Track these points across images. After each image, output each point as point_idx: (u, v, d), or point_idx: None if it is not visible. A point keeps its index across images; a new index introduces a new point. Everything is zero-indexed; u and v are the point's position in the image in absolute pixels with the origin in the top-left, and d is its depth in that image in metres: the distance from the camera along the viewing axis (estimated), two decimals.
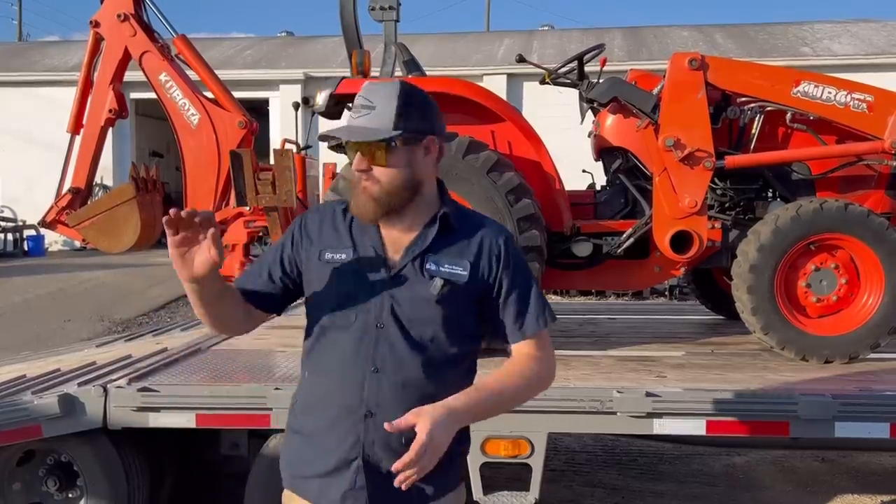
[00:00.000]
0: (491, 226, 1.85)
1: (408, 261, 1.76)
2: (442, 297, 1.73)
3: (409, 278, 1.75)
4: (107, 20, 4.69)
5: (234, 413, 3.23)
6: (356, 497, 1.74)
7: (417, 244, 1.77)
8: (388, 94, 1.71)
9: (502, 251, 1.80)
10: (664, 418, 3.09)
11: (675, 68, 3.92)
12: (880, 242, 3.68)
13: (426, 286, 1.74)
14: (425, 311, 1.74)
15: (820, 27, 19.75)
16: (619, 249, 4.12)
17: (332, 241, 1.81)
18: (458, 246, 1.78)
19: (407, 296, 1.74)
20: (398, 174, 1.72)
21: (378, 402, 1.72)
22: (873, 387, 3.31)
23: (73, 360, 4.23)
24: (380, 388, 1.72)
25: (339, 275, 1.78)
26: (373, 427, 1.72)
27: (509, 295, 1.80)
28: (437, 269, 1.75)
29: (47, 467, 3.41)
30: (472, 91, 4.07)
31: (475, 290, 1.78)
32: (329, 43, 19.77)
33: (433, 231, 1.77)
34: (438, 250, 1.77)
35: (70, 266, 14.35)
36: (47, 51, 21.63)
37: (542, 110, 10.32)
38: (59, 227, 4.89)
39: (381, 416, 1.70)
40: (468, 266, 1.76)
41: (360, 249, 1.78)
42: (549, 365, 1.84)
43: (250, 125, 4.62)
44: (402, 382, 1.72)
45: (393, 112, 1.69)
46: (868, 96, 3.90)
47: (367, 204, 1.73)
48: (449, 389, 1.71)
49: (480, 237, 1.80)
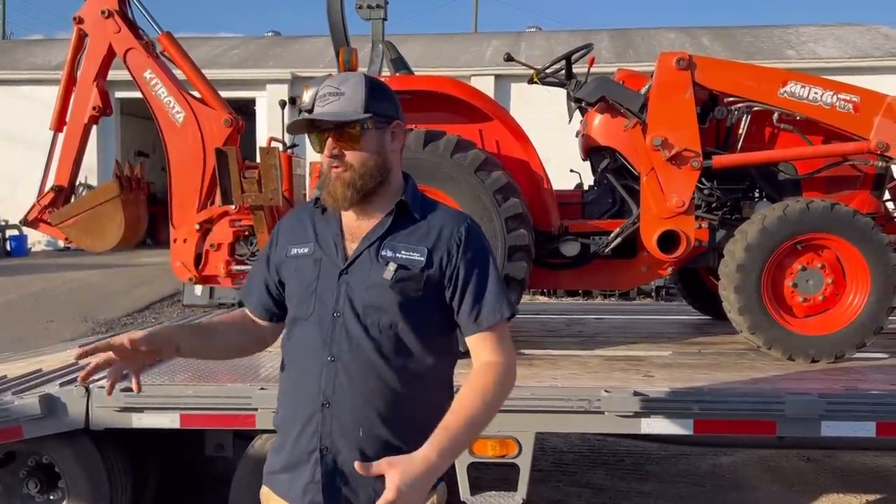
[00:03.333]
0: (454, 215, 1.84)
1: (364, 248, 1.76)
2: (396, 281, 1.72)
3: (365, 265, 1.75)
4: (91, 16, 4.62)
5: (219, 413, 3.20)
6: (315, 490, 1.72)
7: (375, 231, 1.78)
8: (356, 81, 1.76)
9: (462, 239, 1.76)
10: (652, 417, 3.08)
11: (663, 68, 3.92)
12: (866, 242, 3.70)
13: (380, 271, 1.73)
14: (381, 298, 1.72)
15: (805, 30, 19.92)
16: (606, 249, 4.12)
17: (299, 236, 1.85)
18: (418, 233, 1.77)
19: (362, 282, 1.73)
20: (370, 157, 1.74)
21: (335, 391, 1.71)
22: (859, 386, 3.32)
23: (55, 360, 4.17)
24: (336, 377, 1.71)
25: (301, 268, 1.80)
26: (329, 417, 1.71)
27: (466, 284, 1.74)
28: (393, 255, 1.74)
29: (28, 469, 3.37)
30: (460, 90, 4.05)
31: (431, 277, 1.74)
32: (316, 43, 19.73)
33: (391, 218, 1.78)
34: (396, 237, 1.77)
35: (53, 266, 14.22)
36: (31, 49, 21.44)
37: (529, 111, 10.31)
38: (41, 225, 4.81)
39: (337, 406, 1.70)
40: (425, 252, 1.74)
41: (321, 241, 1.81)
42: (508, 368, 1.74)
43: (236, 123, 4.57)
44: (359, 370, 1.71)
45: (363, 96, 1.73)
46: (854, 97, 3.92)
47: (341, 191, 1.73)
48: (411, 382, 1.70)
49: (441, 225, 1.79)
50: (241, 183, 4.24)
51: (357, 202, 1.75)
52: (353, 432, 1.69)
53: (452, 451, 1.62)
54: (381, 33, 4.52)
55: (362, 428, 1.69)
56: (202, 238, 4.54)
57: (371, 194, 1.76)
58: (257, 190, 4.23)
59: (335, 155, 1.73)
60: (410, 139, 3.62)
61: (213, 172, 4.43)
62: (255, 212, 4.32)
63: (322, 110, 1.73)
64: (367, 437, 1.70)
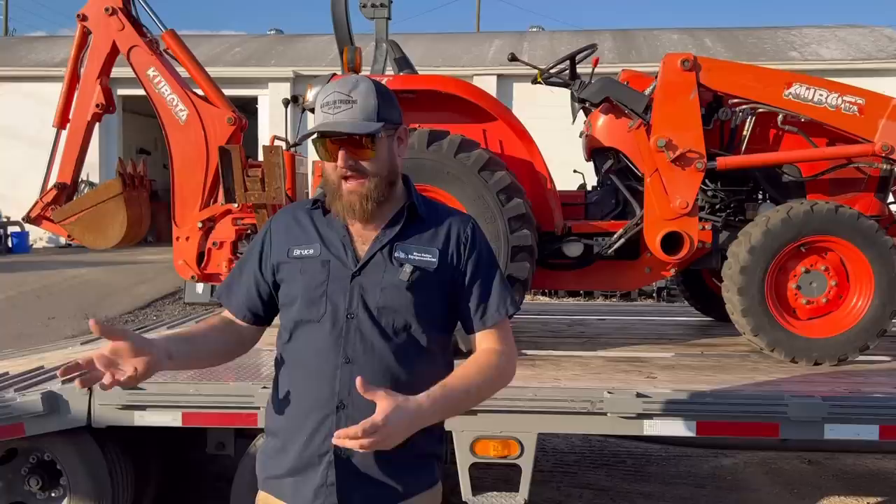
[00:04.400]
0: (458, 215, 1.87)
1: (376, 249, 1.76)
2: (412, 283, 1.73)
3: (379, 267, 1.75)
4: (94, 14, 4.63)
5: (221, 412, 3.20)
6: (328, 493, 1.71)
7: (385, 234, 1.78)
8: (366, 89, 1.73)
9: (469, 239, 1.81)
10: (654, 419, 3.08)
11: (668, 69, 3.92)
12: (870, 245, 3.69)
13: (396, 273, 1.74)
14: (396, 299, 1.73)
15: (808, 32, 19.90)
16: (609, 250, 4.11)
17: (300, 237, 1.82)
18: (427, 235, 1.79)
19: (377, 284, 1.74)
20: (384, 166, 1.74)
21: (350, 393, 1.69)
22: (863, 389, 3.32)
23: (56, 357, 4.17)
24: (351, 379, 1.68)
25: (308, 269, 1.78)
26: (344, 419, 1.69)
27: (473, 283, 1.80)
28: (407, 257, 1.75)
29: (30, 466, 3.36)
30: (464, 89, 4.04)
31: (445, 277, 1.78)
32: (319, 41, 19.73)
33: (401, 221, 1.79)
34: (407, 239, 1.78)
35: (55, 263, 14.23)
36: (34, 46, 21.45)
37: (532, 111, 10.28)
38: (43, 222, 4.81)
39: (352, 408, 1.69)
40: (437, 253, 1.77)
41: (327, 243, 1.79)
42: (510, 358, 1.82)
43: (239, 121, 4.56)
44: (374, 372, 1.70)
45: (375, 104, 1.71)
46: (859, 99, 3.91)
47: (360, 204, 1.72)
48: (423, 379, 1.70)
49: (448, 225, 1.82)
50: (244, 181, 4.24)
51: (373, 211, 1.75)
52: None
53: (443, 410, 1.69)
54: (385, 32, 4.51)
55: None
56: (205, 236, 4.54)
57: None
58: (260, 188, 4.23)
59: (350, 166, 1.70)
60: (414, 139, 3.62)
61: (216, 170, 4.43)
62: (257, 210, 4.33)
63: (335, 119, 1.69)
64: None
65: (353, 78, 1.79)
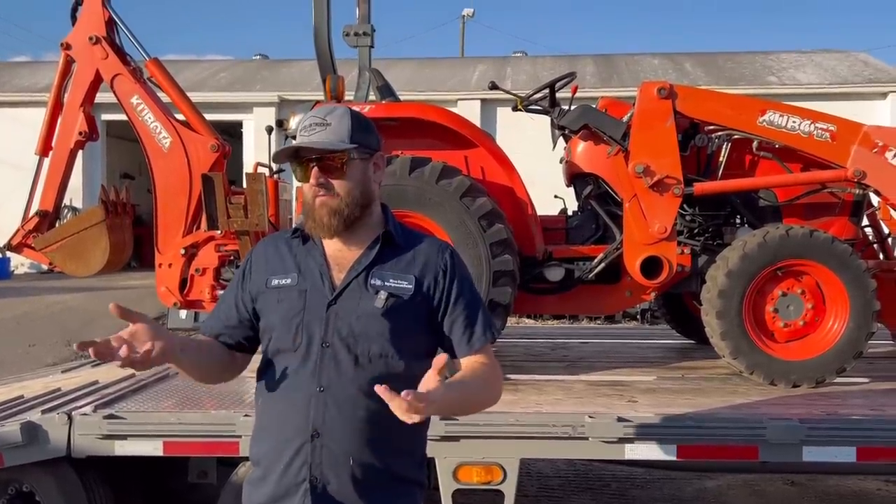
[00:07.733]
0: (435, 242, 1.90)
1: (352, 277, 1.78)
2: (387, 310, 1.75)
3: (354, 294, 1.77)
4: (78, 43, 4.64)
5: (203, 441, 3.18)
6: None
7: (361, 261, 1.80)
8: (341, 113, 1.79)
9: (448, 266, 1.83)
10: (636, 443, 3.10)
11: (645, 97, 3.99)
12: (844, 268, 3.75)
13: (371, 300, 1.75)
14: (371, 326, 1.75)
15: (786, 57, 20.24)
16: (590, 274, 4.16)
17: (278, 267, 1.84)
18: (403, 261, 1.82)
19: (352, 312, 1.75)
20: (355, 186, 1.77)
21: (324, 422, 1.71)
22: (840, 411, 3.36)
23: (37, 386, 4.14)
24: (326, 408, 1.71)
25: (284, 299, 1.80)
26: (319, 448, 1.71)
27: (456, 309, 1.82)
28: (382, 284, 1.77)
29: (7, 498, 3.32)
30: (445, 117, 4.10)
31: (421, 304, 1.79)
32: (304, 66, 19.81)
33: (377, 247, 1.81)
34: (383, 266, 1.80)
35: (36, 289, 14.08)
36: (17, 71, 21.37)
37: (515, 136, 10.39)
38: (25, 250, 4.78)
39: (327, 436, 1.70)
40: (413, 280, 1.79)
41: (305, 272, 1.81)
42: (498, 377, 1.86)
43: (223, 148, 4.58)
44: (348, 400, 1.71)
45: (348, 127, 1.76)
46: (831, 126, 4.00)
47: (327, 218, 1.75)
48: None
49: (426, 253, 1.84)
50: (227, 208, 4.25)
51: (342, 231, 1.78)
52: (343, 462, 1.70)
53: (448, 404, 1.64)
54: (368, 60, 4.57)
55: (352, 457, 1.70)
56: (187, 263, 4.54)
57: (354, 224, 1.79)
58: (243, 215, 4.24)
59: (321, 183, 1.75)
60: (396, 165, 3.66)
61: (199, 197, 4.43)
62: (240, 237, 4.33)
63: (308, 139, 1.75)
64: (356, 464, 1.71)
65: (332, 105, 1.85)
